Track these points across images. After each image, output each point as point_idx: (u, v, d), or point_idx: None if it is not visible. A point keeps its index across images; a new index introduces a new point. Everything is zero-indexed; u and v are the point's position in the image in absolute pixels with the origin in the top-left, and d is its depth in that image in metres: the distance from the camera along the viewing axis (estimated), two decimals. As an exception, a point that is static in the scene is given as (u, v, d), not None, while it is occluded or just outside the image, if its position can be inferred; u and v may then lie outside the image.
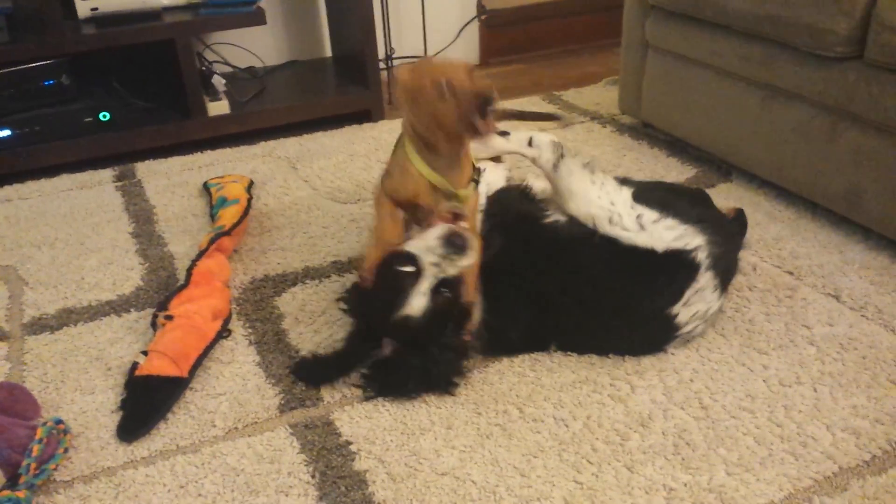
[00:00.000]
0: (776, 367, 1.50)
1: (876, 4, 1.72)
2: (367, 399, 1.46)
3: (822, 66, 1.86)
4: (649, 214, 1.53)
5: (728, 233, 1.59)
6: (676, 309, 1.48)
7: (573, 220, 1.58)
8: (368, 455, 1.35)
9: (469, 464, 1.32)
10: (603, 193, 1.55)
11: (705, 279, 1.48)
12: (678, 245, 1.49)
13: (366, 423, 1.42)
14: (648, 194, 1.58)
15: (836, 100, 1.85)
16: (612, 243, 1.51)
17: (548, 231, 1.56)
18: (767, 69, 2.01)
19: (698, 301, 1.49)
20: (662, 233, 1.50)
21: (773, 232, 1.96)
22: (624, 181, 1.63)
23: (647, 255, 1.48)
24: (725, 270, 1.55)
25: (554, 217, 1.59)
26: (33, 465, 1.28)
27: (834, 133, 1.88)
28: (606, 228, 1.52)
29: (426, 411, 1.44)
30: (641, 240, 1.49)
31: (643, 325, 1.51)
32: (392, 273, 1.40)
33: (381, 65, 3.05)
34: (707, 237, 1.51)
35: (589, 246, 1.52)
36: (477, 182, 1.54)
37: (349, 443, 1.37)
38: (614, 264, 1.50)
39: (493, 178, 1.72)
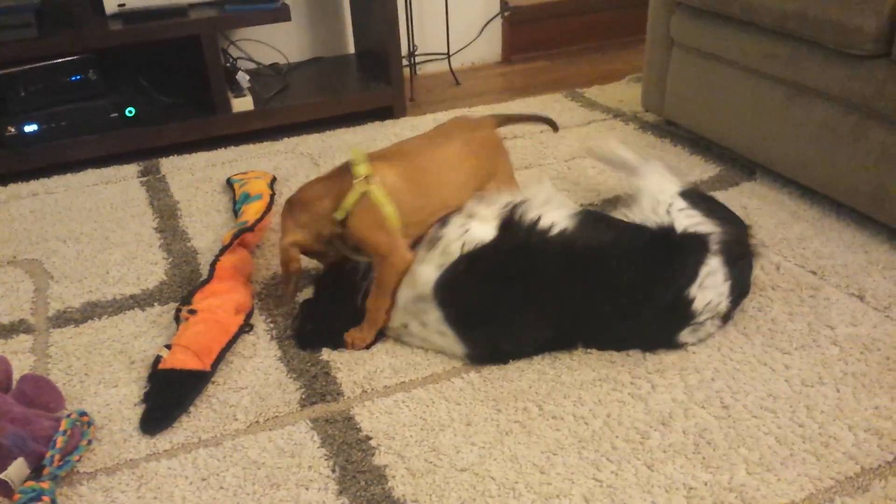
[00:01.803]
0: (798, 367, 1.49)
1: (904, 1, 1.70)
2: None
3: (849, 64, 1.84)
4: (679, 203, 1.60)
5: (744, 239, 1.61)
6: (693, 292, 1.48)
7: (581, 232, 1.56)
8: (388, 450, 1.35)
9: (488, 460, 1.32)
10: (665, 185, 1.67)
11: (715, 263, 1.50)
12: (692, 230, 1.53)
13: (385, 418, 1.42)
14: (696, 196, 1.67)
15: (862, 98, 1.83)
16: (632, 238, 1.54)
17: (556, 240, 1.54)
18: (793, 67, 2.00)
19: (711, 287, 1.49)
20: (683, 220, 1.55)
21: (796, 231, 1.94)
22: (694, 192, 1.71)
23: (664, 240, 1.53)
24: (738, 272, 1.55)
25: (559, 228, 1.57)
26: (57, 457, 1.30)
27: (860, 132, 1.86)
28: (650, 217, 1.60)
29: (446, 408, 1.44)
30: (663, 222, 1.57)
31: (664, 311, 1.51)
32: None
33: (404, 62, 3.05)
34: (722, 230, 1.55)
35: (606, 245, 1.54)
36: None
37: (369, 438, 1.38)
38: (634, 257, 1.51)
39: (481, 233, 1.61)
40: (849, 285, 1.72)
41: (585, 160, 2.39)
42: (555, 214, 1.57)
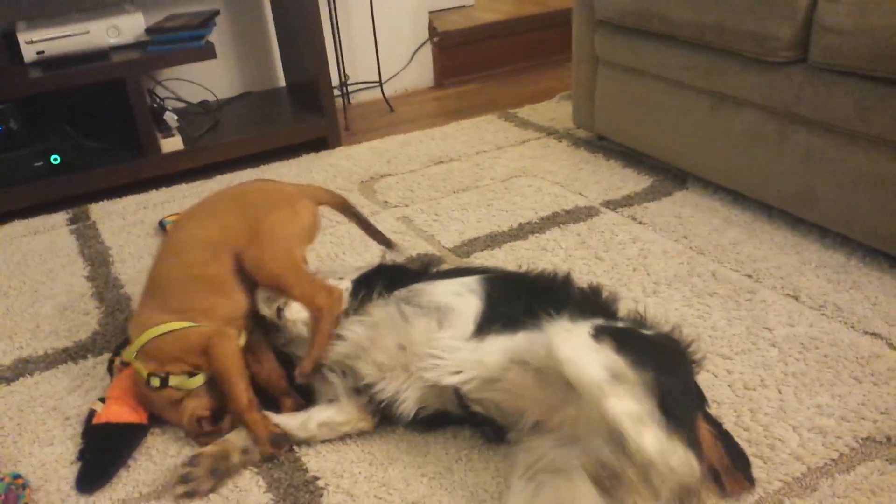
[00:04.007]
0: (740, 371, 1.50)
1: (816, 8, 1.74)
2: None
3: (768, 71, 1.89)
4: None
5: None
6: None
7: None
8: (337, 489, 1.32)
9: (439, 491, 1.30)
10: None
11: None
12: None
13: (333, 456, 1.39)
14: None
15: (783, 103, 1.87)
16: None
17: None
18: (715, 77, 2.04)
19: None
20: None
21: (730, 236, 1.97)
22: None
23: None
24: None
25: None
26: (-9, 524, 1.25)
27: (783, 136, 1.91)
28: None
29: (394, 441, 1.42)
30: None
31: None
32: None
33: (336, 91, 3.05)
34: None
35: None
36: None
37: (317, 478, 1.35)
38: None
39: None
40: (784, 286, 1.75)
41: (522, 179, 2.40)
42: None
